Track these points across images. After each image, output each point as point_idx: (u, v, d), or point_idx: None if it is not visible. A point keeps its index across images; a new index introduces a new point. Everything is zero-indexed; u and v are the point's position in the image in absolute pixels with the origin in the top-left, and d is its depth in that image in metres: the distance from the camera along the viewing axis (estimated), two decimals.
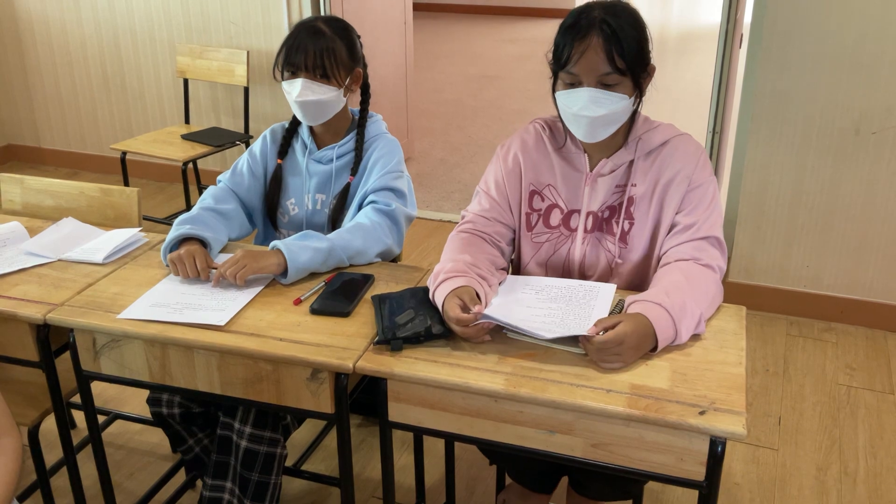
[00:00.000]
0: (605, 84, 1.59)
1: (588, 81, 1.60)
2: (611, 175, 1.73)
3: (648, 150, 1.71)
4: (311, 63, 1.94)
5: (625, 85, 1.61)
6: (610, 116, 1.62)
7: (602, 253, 1.76)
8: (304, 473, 2.31)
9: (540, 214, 1.79)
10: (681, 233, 1.68)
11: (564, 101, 1.64)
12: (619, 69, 1.58)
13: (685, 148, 1.71)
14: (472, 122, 5.79)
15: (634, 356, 1.48)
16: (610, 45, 1.56)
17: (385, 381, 1.53)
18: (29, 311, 1.73)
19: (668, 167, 1.69)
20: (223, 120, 4.31)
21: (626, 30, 1.58)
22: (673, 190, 1.69)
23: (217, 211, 2.01)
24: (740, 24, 3.20)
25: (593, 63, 1.58)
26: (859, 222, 3.00)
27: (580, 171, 1.75)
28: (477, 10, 10.04)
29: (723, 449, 1.35)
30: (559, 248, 1.79)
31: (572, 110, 1.63)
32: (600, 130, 1.65)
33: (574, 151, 1.76)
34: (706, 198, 1.69)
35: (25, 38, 4.59)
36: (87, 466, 2.10)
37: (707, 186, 1.69)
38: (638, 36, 1.61)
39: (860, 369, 2.87)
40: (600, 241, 1.76)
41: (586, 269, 1.78)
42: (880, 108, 2.84)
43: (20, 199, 2.31)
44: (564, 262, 1.79)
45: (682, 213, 1.69)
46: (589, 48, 1.57)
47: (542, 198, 1.79)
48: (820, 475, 2.37)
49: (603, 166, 1.72)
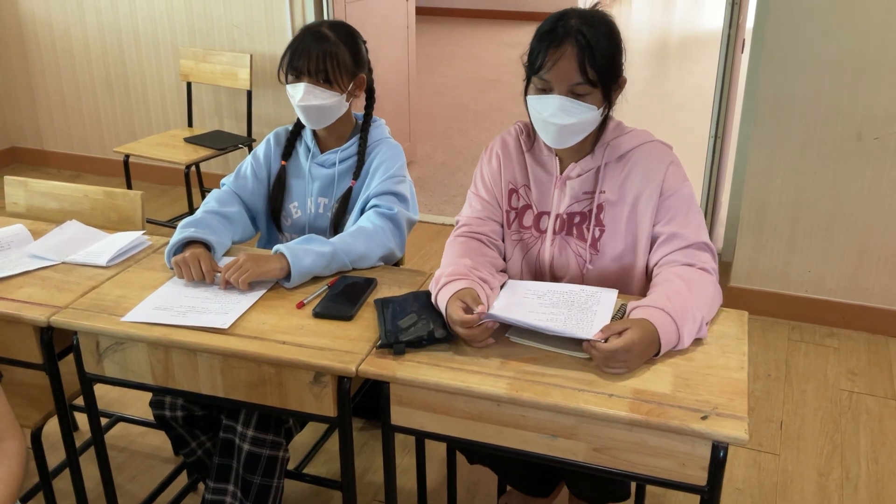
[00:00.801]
0: (575, 93, 1.61)
1: (559, 89, 1.61)
2: (579, 178, 1.74)
3: (617, 155, 1.72)
4: (314, 68, 1.95)
5: (594, 96, 1.62)
6: (578, 125, 1.64)
7: (572, 257, 1.77)
8: (306, 477, 2.31)
9: (517, 212, 1.82)
10: (666, 243, 1.69)
11: (535, 106, 1.66)
12: (591, 80, 1.59)
13: (654, 156, 1.71)
14: (473, 126, 5.80)
15: (639, 362, 1.49)
16: (583, 56, 1.58)
17: (387, 385, 1.53)
18: (33, 313, 1.73)
19: (638, 178, 1.70)
20: (226, 123, 4.32)
21: (601, 41, 1.59)
22: (643, 203, 1.70)
23: (221, 214, 2.02)
24: (742, 29, 3.21)
25: (565, 72, 1.59)
26: (861, 228, 3.00)
27: (550, 174, 1.78)
28: (479, 14, 10.06)
29: (724, 454, 1.35)
30: (531, 248, 1.81)
31: (542, 116, 1.65)
32: (568, 138, 1.67)
33: (546, 154, 1.78)
34: (682, 204, 1.69)
35: (29, 41, 4.61)
36: (89, 469, 2.10)
37: (680, 192, 1.69)
38: (612, 48, 1.62)
39: (862, 374, 2.87)
40: (568, 244, 1.77)
41: (556, 271, 1.80)
42: (883, 114, 2.84)
43: (24, 202, 2.31)
44: (536, 263, 1.81)
45: (660, 224, 1.69)
46: (562, 57, 1.59)
47: (518, 197, 1.82)
48: (822, 480, 2.37)
49: (572, 170, 1.74)
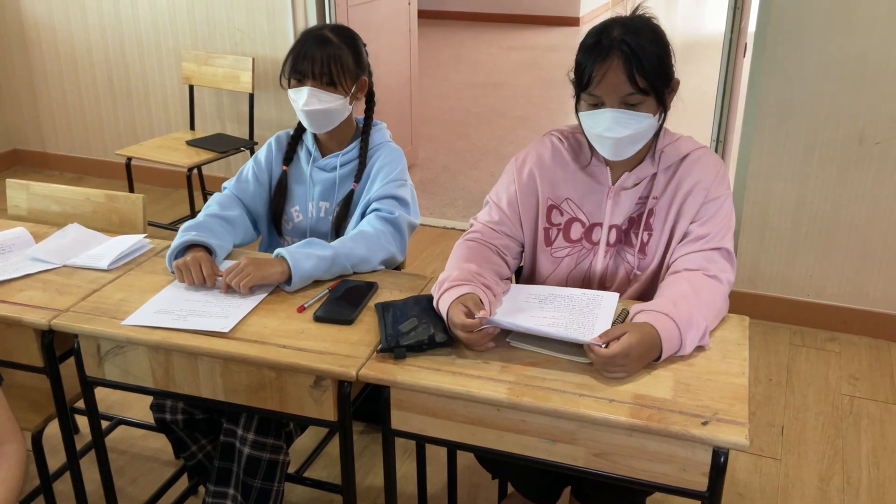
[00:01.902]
0: (628, 104, 1.58)
1: (610, 102, 1.58)
2: (634, 188, 1.73)
3: (669, 162, 1.71)
4: (317, 71, 1.94)
5: (648, 103, 1.59)
6: (635, 136, 1.61)
7: (622, 265, 1.76)
8: (306, 480, 2.31)
9: (559, 229, 1.78)
10: (692, 242, 1.68)
11: (588, 122, 1.64)
12: (642, 89, 1.57)
13: (706, 161, 1.71)
14: (475, 130, 5.80)
15: (639, 366, 1.48)
16: (631, 66, 1.55)
17: (388, 389, 1.53)
18: (34, 316, 1.73)
19: (688, 178, 1.70)
20: (228, 126, 4.32)
21: (647, 47, 1.56)
22: (690, 200, 1.69)
23: (222, 217, 2.02)
24: (744, 34, 3.21)
25: (615, 84, 1.56)
26: (863, 232, 3.00)
27: (603, 185, 1.74)
28: (481, 17, 10.07)
29: (725, 459, 1.35)
30: (581, 262, 1.78)
31: (596, 131, 1.62)
32: (626, 149, 1.64)
33: (596, 165, 1.75)
34: (722, 211, 1.69)
35: (32, 44, 4.61)
36: (89, 472, 2.10)
37: (723, 200, 1.69)
38: (659, 52, 1.59)
39: (863, 379, 2.87)
40: (620, 254, 1.76)
41: (606, 281, 1.78)
42: (884, 118, 2.84)
43: (26, 205, 2.31)
44: (585, 276, 1.79)
45: (696, 223, 1.69)
46: (610, 70, 1.56)
47: (560, 212, 1.78)
48: (823, 485, 2.37)
49: (626, 180, 1.72)
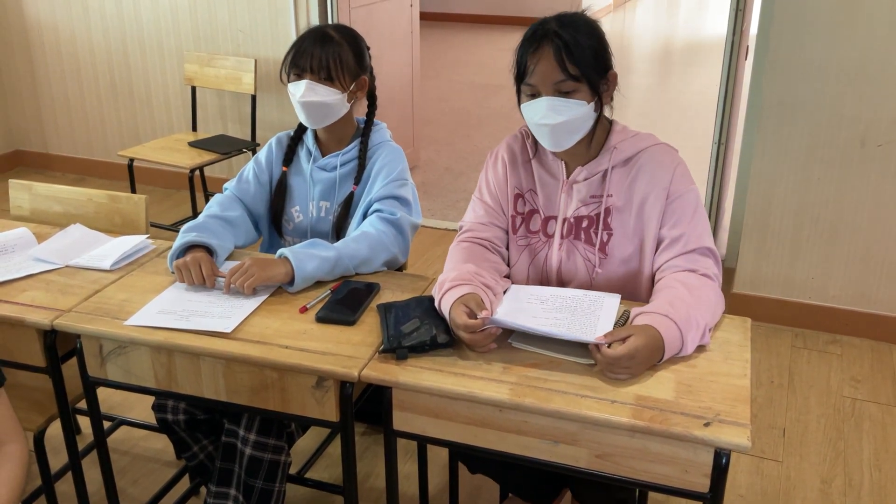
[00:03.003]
0: (561, 91, 1.62)
1: (545, 90, 1.63)
2: (585, 182, 1.75)
3: (624, 158, 1.72)
4: (316, 65, 1.95)
5: (582, 91, 1.63)
6: (570, 123, 1.64)
7: (580, 261, 1.77)
8: (307, 481, 2.31)
9: (523, 217, 1.82)
10: (670, 247, 1.69)
11: (527, 112, 1.68)
12: (573, 76, 1.61)
13: (660, 159, 1.71)
14: (477, 131, 5.80)
15: (643, 369, 1.48)
16: (561, 53, 1.60)
17: (390, 390, 1.53)
18: (36, 316, 1.73)
19: (644, 181, 1.70)
20: (230, 128, 4.33)
21: (580, 39, 1.61)
22: (650, 204, 1.70)
23: (223, 218, 2.02)
24: (746, 36, 3.21)
25: (547, 72, 1.61)
26: (865, 234, 3.00)
27: (557, 179, 1.78)
28: (483, 19, 10.08)
29: (727, 460, 1.35)
30: (538, 253, 1.81)
31: (534, 120, 1.66)
32: (564, 138, 1.67)
33: (552, 159, 1.78)
34: (688, 208, 1.69)
35: (34, 45, 4.62)
36: (91, 472, 2.10)
37: (687, 196, 1.69)
38: (592, 43, 1.64)
39: (865, 382, 2.87)
40: (576, 248, 1.77)
41: (563, 276, 1.79)
42: (886, 121, 2.84)
43: (28, 206, 2.32)
44: (543, 268, 1.81)
45: (666, 227, 1.70)
46: (542, 58, 1.61)
47: (524, 202, 1.82)
48: (824, 487, 2.37)
49: (578, 173, 1.75)
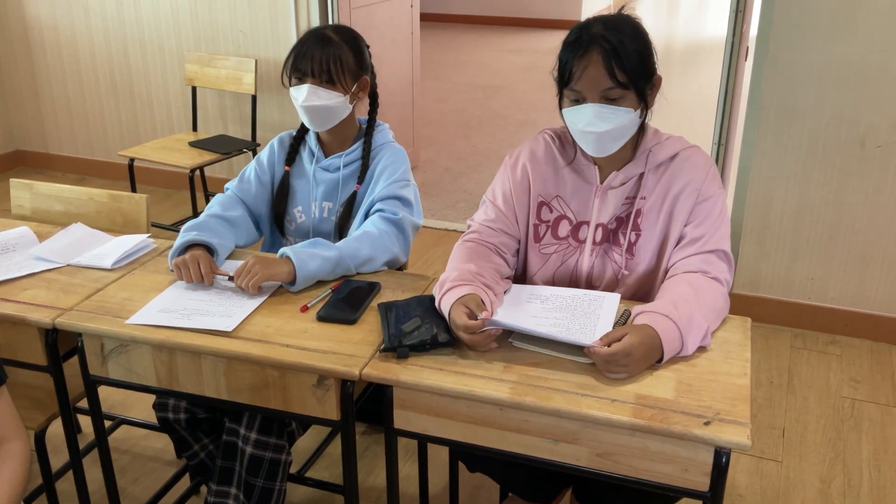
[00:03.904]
0: (608, 98, 1.60)
1: (591, 97, 1.60)
2: (621, 187, 1.73)
3: (658, 162, 1.71)
4: (317, 68, 1.95)
5: (629, 98, 1.61)
6: (616, 131, 1.63)
7: (609, 264, 1.76)
8: (308, 480, 2.31)
9: (548, 225, 1.80)
10: (688, 245, 1.68)
11: (570, 118, 1.65)
12: (622, 83, 1.59)
13: (695, 160, 1.71)
14: (477, 132, 5.81)
15: (641, 367, 1.48)
16: (610, 60, 1.57)
17: (391, 389, 1.53)
18: (38, 315, 1.74)
19: (678, 179, 1.70)
20: (231, 128, 4.33)
21: (627, 43, 1.58)
22: (682, 202, 1.70)
23: (224, 218, 2.02)
24: (746, 37, 3.22)
25: (595, 79, 1.59)
26: (864, 235, 3.00)
27: (590, 184, 1.76)
28: (483, 20, 10.09)
29: (727, 459, 1.36)
30: (567, 260, 1.79)
31: (579, 126, 1.64)
32: (609, 145, 1.66)
33: (584, 163, 1.76)
34: (715, 211, 1.69)
35: (35, 45, 4.62)
36: (92, 471, 2.10)
37: (716, 199, 1.70)
38: (639, 48, 1.61)
39: (864, 382, 2.87)
40: (608, 253, 1.76)
41: (593, 280, 1.79)
42: (886, 122, 2.84)
43: (30, 205, 2.32)
44: (572, 274, 1.80)
45: (690, 226, 1.69)
46: (590, 64, 1.58)
47: (550, 209, 1.79)
48: (824, 488, 2.37)
49: (613, 179, 1.73)
